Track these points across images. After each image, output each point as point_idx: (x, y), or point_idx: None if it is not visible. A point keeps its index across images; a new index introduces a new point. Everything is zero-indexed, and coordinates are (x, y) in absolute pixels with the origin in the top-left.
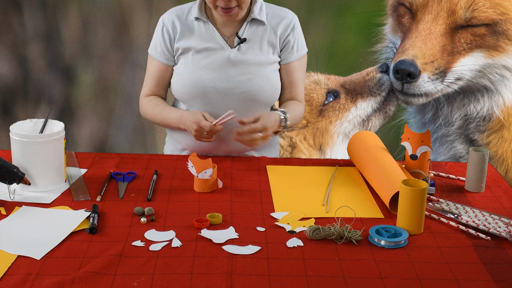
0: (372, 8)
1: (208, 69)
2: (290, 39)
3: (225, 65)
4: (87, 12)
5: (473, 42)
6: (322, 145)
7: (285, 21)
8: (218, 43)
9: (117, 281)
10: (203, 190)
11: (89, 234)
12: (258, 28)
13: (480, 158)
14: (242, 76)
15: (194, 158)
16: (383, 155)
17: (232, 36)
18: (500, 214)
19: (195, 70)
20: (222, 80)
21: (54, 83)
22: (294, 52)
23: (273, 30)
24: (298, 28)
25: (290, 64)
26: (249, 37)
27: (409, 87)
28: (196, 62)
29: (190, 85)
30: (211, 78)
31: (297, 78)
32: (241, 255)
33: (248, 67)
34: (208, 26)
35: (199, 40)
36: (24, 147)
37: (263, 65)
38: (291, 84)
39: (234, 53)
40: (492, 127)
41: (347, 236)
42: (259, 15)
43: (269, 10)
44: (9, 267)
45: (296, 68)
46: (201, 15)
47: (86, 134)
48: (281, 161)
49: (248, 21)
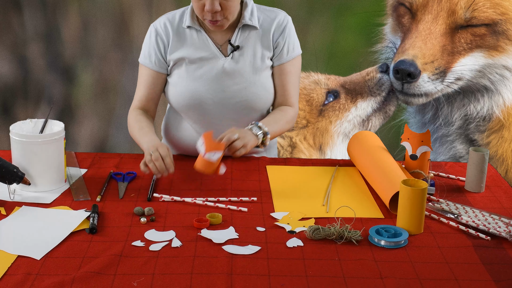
0: (372, 8)
1: (203, 80)
2: (280, 41)
3: (220, 75)
4: (87, 12)
5: (473, 42)
6: (322, 145)
7: (276, 22)
8: (212, 51)
9: (117, 281)
10: (203, 172)
11: (89, 234)
12: (251, 33)
13: (480, 158)
14: (237, 85)
15: (207, 137)
16: (383, 155)
17: (225, 44)
18: (500, 214)
19: (190, 81)
20: (218, 91)
21: (54, 83)
22: (285, 54)
23: (266, 33)
24: (291, 29)
25: (281, 66)
26: (242, 44)
27: (409, 87)
28: (191, 73)
29: (185, 96)
30: (207, 89)
31: (289, 81)
32: (241, 255)
33: (243, 75)
34: (201, 35)
35: (192, 49)
36: (24, 147)
37: (257, 72)
38: (283, 87)
39: (228, 62)
40: (492, 127)
41: (347, 236)
42: (250, 20)
43: (260, 13)
44: (9, 267)
45: (287, 70)
46: (193, 23)
47: (86, 134)
48: (281, 161)
49: (240, 27)
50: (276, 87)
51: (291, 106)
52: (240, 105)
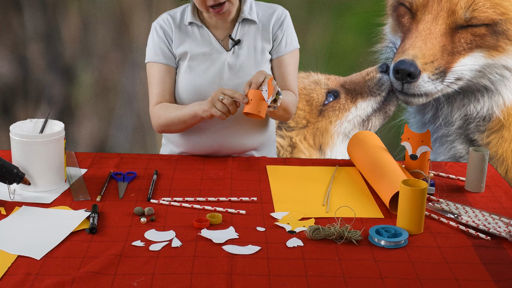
0: (372, 8)
1: (206, 75)
2: (278, 34)
3: (222, 70)
4: (87, 12)
5: (473, 42)
6: (322, 145)
7: (275, 16)
8: (214, 46)
9: (117, 281)
10: (259, 112)
11: (89, 234)
12: (250, 28)
13: (480, 158)
14: (239, 79)
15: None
16: (383, 155)
17: (226, 39)
18: (500, 214)
19: (193, 76)
20: (221, 85)
21: (54, 83)
22: (283, 46)
23: (265, 27)
24: (288, 23)
25: (280, 58)
26: (242, 38)
27: (409, 87)
28: (194, 68)
29: (189, 91)
30: (210, 84)
31: (289, 72)
32: (241, 255)
33: (244, 69)
34: (202, 30)
35: (194, 45)
36: (24, 147)
37: (258, 65)
38: (283, 78)
39: (230, 56)
40: (492, 127)
41: (347, 236)
42: (249, 14)
43: (259, 8)
44: (9, 267)
45: (286, 62)
46: (195, 19)
47: (86, 134)
48: (281, 161)
49: (240, 22)
50: (276, 79)
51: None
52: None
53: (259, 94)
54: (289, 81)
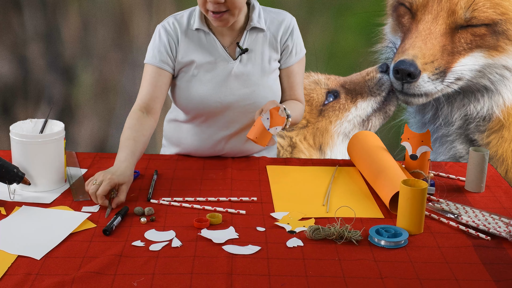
0: (372, 8)
1: (213, 84)
2: (289, 44)
3: (229, 79)
4: (87, 12)
5: (473, 42)
6: (322, 145)
7: (284, 25)
8: (220, 54)
9: (117, 281)
10: (258, 142)
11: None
12: (258, 36)
13: (480, 158)
14: (245, 88)
15: (275, 113)
16: (383, 155)
17: (232, 45)
18: (500, 214)
19: (199, 85)
20: (227, 94)
21: (54, 83)
22: (293, 56)
23: (273, 36)
24: (297, 31)
25: (289, 68)
26: (250, 46)
27: (409, 87)
28: (200, 77)
29: (194, 100)
30: (216, 93)
31: (297, 81)
32: (241, 255)
33: (251, 78)
34: (209, 37)
35: (201, 52)
36: (24, 147)
37: (265, 74)
38: (291, 87)
39: (236, 65)
40: (492, 127)
41: (347, 236)
42: (258, 22)
43: (267, 15)
44: (9, 267)
45: (295, 71)
46: (202, 25)
47: (86, 134)
48: (281, 161)
49: (248, 30)
50: (284, 88)
51: (300, 102)
52: (247, 108)
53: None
54: (297, 90)
